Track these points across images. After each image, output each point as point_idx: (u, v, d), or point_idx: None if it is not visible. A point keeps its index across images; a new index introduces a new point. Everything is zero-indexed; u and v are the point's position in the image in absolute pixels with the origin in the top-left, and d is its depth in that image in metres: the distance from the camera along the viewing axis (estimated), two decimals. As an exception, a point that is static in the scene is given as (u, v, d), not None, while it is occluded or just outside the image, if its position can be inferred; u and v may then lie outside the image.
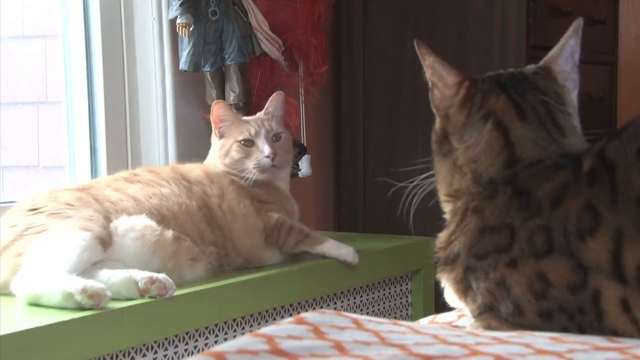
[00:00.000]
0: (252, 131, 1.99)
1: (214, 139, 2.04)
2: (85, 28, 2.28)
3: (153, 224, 1.70)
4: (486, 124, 1.23)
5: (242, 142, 1.98)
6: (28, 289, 1.53)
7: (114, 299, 1.53)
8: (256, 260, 1.91)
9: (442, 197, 1.30)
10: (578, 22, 1.27)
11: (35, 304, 1.52)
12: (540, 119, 1.22)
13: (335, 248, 1.98)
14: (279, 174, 2.04)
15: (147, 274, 1.57)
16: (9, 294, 1.58)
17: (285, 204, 2.04)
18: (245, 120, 2.03)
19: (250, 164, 1.97)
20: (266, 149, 1.96)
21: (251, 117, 2.06)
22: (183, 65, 2.19)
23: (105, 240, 1.62)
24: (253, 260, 1.91)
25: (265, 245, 1.92)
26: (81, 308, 1.48)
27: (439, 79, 1.28)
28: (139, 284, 1.55)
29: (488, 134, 1.22)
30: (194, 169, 1.96)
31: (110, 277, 1.56)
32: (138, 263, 1.65)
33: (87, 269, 1.56)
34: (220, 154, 2.00)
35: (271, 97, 2.05)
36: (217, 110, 2.01)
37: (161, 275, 1.57)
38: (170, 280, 1.58)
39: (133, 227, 1.68)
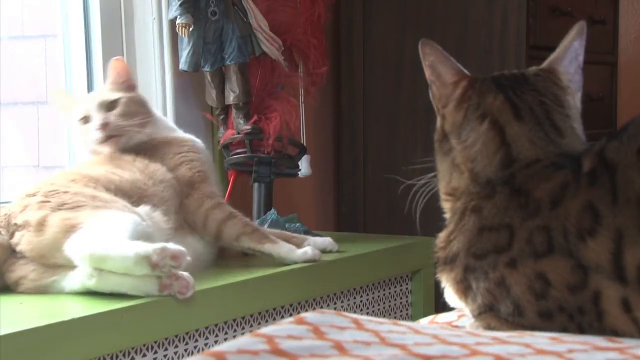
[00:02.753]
0: (85, 108, 1.91)
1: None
2: (85, 28, 2.28)
3: (149, 209, 1.74)
4: (483, 123, 1.23)
5: (80, 121, 1.91)
6: (93, 250, 1.51)
7: (115, 297, 1.53)
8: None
9: (441, 195, 1.31)
10: (581, 25, 1.27)
11: (98, 267, 1.52)
12: (537, 119, 1.22)
13: (290, 252, 1.89)
14: (123, 141, 1.91)
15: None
16: (51, 257, 1.59)
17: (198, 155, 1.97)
18: (83, 98, 1.98)
19: (89, 141, 1.90)
20: (95, 122, 1.88)
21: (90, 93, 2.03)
22: (183, 65, 2.19)
23: (143, 219, 1.64)
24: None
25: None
26: (154, 272, 1.49)
27: (437, 78, 1.29)
28: (163, 279, 1.54)
29: (484, 133, 1.23)
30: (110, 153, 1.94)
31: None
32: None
33: None
34: (76, 140, 1.99)
35: (109, 65, 1.99)
36: (54, 99, 1.98)
37: (185, 273, 1.56)
38: (193, 279, 1.57)
39: (144, 212, 1.70)
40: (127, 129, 1.90)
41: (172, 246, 1.50)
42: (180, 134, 2.03)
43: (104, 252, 1.50)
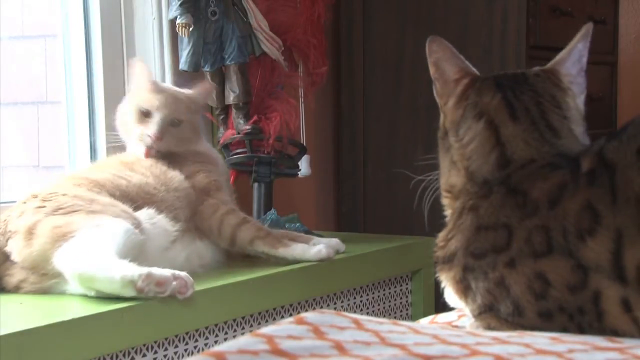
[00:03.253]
0: (155, 104, 1.90)
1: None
2: (85, 28, 2.28)
3: (153, 211, 1.73)
4: (479, 122, 1.24)
5: (141, 109, 1.90)
6: (81, 270, 1.51)
7: (115, 297, 1.53)
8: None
9: (442, 192, 1.31)
10: (587, 27, 1.27)
11: (88, 286, 1.51)
12: (532, 120, 1.22)
13: (304, 251, 1.89)
14: (158, 154, 1.92)
15: (169, 271, 1.55)
16: (42, 268, 1.59)
17: (213, 165, 1.99)
18: (162, 89, 1.95)
19: (135, 132, 1.90)
20: (152, 129, 1.88)
21: (173, 89, 2.00)
22: (183, 65, 2.19)
23: (138, 225, 1.63)
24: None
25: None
26: (141, 296, 1.48)
27: (441, 75, 1.30)
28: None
29: (480, 133, 1.23)
30: (121, 157, 1.93)
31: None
32: (157, 250, 1.68)
33: None
34: (119, 107, 1.95)
35: (201, 85, 2.02)
36: (134, 69, 1.95)
37: (183, 273, 1.57)
38: (191, 279, 1.57)
39: (145, 215, 1.70)
40: (170, 149, 1.92)
41: (158, 272, 1.50)
42: (204, 145, 2.05)
43: (91, 273, 1.50)
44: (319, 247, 1.91)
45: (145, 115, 1.90)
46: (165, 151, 1.91)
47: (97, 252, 1.52)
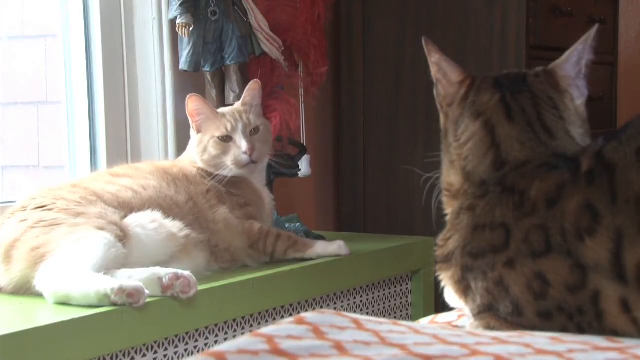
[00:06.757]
0: (229, 126, 1.97)
1: (193, 132, 2.03)
2: (85, 28, 2.28)
3: (160, 215, 1.72)
4: (476, 122, 1.24)
5: (219, 138, 1.96)
6: (57, 288, 1.52)
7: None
8: (240, 260, 1.92)
9: (442, 190, 1.31)
10: (592, 29, 1.27)
11: (64, 303, 1.51)
12: (527, 120, 1.22)
13: (326, 247, 2.00)
14: (257, 168, 2.03)
15: (172, 270, 1.57)
16: (27, 290, 1.59)
17: (258, 203, 2.02)
18: (222, 113, 2.01)
19: (228, 161, 1.96)
20: (244, 145, 1.95)
21: (227, 109, 2.05)
22: (183, 65, 2.19)
23: (122, 237, 1.63)
24: (238, 260, 1.91)
25: (249, 250, 1.92)
26: (115, 306, 1.49)
27: (444, 76, 1.30)
28: (163, 280, 1.55)
29: (477, 133, 1.24)
30: (174, 166, 1.96)
31: (131, 276, 1.55)
32: (152, 256, 1.67)
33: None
34: (198, 150, 1.99)
35: (248, 87, 2.05)
36: (192, 104, 1.99)
37: (186, 272, 1.57)
38: (194, 278, 1.58)
39: (146, 220, 1.70)
40: (266, 157, 2.04)
41: (129, 284, 1.50)
42: None
43: (66, 291, 1.51)
44: (338, 243, 2.01)
45: (225, 140, 1.96)
46: (260, 161, 2.00)
47: (71, 269, 1.52)
